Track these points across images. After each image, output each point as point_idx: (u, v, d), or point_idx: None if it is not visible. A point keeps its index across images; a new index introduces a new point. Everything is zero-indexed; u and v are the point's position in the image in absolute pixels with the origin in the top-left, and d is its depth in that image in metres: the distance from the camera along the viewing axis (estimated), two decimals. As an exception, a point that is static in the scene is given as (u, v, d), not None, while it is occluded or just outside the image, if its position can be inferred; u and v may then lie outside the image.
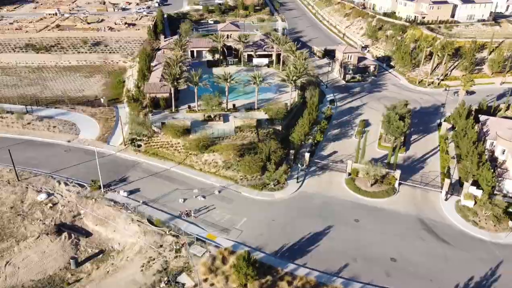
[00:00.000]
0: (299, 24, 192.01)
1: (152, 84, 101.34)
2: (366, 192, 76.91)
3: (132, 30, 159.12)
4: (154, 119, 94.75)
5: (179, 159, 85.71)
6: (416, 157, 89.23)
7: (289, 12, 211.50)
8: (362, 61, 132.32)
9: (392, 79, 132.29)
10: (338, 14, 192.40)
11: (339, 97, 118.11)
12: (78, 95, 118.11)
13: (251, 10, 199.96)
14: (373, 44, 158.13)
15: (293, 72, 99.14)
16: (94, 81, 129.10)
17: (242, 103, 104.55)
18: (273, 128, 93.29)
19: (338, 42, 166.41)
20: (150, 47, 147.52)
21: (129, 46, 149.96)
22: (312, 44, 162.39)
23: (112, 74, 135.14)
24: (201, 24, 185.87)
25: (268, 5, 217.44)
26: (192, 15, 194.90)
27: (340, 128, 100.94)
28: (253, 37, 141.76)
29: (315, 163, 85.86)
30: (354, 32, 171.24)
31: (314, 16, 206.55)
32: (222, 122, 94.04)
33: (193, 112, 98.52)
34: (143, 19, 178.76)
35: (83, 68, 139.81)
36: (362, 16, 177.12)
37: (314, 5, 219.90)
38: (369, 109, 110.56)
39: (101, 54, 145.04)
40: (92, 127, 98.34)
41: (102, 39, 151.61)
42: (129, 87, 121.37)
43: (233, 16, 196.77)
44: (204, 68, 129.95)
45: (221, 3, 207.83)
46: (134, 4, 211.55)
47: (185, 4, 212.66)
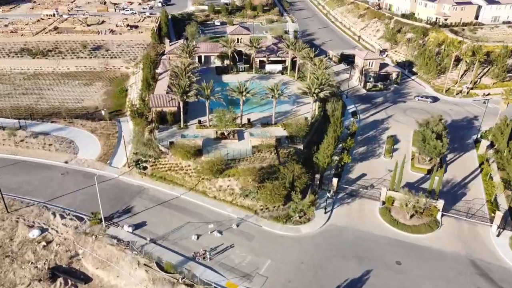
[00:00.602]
0: (310, 25, 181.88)
1: (158, 96, 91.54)
2: (405, 226, 67.24)
3: (135, 33, 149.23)
4: (161, 136, 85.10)
5: (190, 184, 76.07)
6: (455, 180, 79.48)
7: (299, 12, 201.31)
8: (383, 68, 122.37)
9: (416, 87, 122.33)
10: (351, 15, 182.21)
11: (361, 109, 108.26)
12: (77, 106, 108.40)
13: (260, 10, 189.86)
14: (391, 48, 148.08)
15: (314, 83, 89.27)
16: (94, 89, 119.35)
17: (257, 117, 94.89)
18: (294, 147, 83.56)
19: (354, 45, 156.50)
20: (154, 51, 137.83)
21: (132, 51, 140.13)
22: (326, 48, 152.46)
23: (114, 81, 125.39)
24: (207, 26, 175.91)
25: (277, 5, 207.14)
26: (197, 15, 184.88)
27: (366, 146, 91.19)
28: (264, 41, 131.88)
29: (343, 189, 76.23)
30: (370, 34, 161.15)
31: (326, 16, 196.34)
32: (237, 140, 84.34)
33: (204, 128, 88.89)
34: (146, 20, 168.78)
35: (83, 74, 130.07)
36: (378, 17, 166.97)
37: (325, 5, 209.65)
38: (396, 123, 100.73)
39: (101, 60, 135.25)
40: (92, 144, 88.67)
41: (103, 43, 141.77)
42: (132, 97, 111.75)
43: (241, 17, 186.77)
44: (213, 75, 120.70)
45: (227, 3, 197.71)
46: (137, 4, 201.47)
47: (190, 4, 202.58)
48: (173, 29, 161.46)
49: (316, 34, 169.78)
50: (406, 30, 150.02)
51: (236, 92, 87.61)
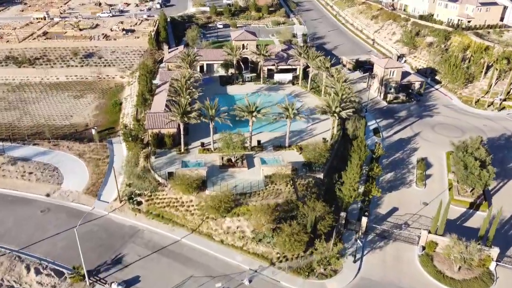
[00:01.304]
0: (319, 27, 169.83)
1: (154, 116, 79.68)
2: (454, 281, 55.54)
3: (131, 38, 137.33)
4: (158, 164, 73.38)
5: (193, 224, 64.39)
6: (503, 217, 67.70)
7: (306, 13, 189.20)
8: (405, 77, 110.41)
9: (442, 98, 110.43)
10: (363, 16, 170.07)
11: (384, 125, 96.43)
12: (65, 123, 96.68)
13: (265, 11, 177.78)
14: (410, 53, 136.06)
15: (335, 101, 77.38)
16: (85, 103, 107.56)
17: (268, 137, 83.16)
18: (313, 176, 71.81)
19: (368, 50, 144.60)
20: (152, 59, 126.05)
21: (127, 58, 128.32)
22: (338, 53, 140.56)
23: (107, 93, 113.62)
24: (209, 29, 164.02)
25: (283, 6, 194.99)
26: (198, 18, 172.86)
27: (394, 171, 79.42)
28: (273, 47, 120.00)
29: (373, 228, 64.58)
30: (386, 38, 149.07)
31: (335, 18, 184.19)
32: (246, 168, 72.56)
33: (207, 152, 77.18)
34: (143, 23, 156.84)
35: (73, 85, 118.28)
36: (393, 18, 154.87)
37: (334, 5, 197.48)
38: (424, 142, 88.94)
39: (94, 68, 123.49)
40: (79, 172, 76.97)
41: (96, 50, 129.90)
42: (127, 112, 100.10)
43: (244, 19, 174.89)
44: (216, 86, 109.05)
45: (230, 4, 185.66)
46: (133, 6, 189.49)
47: (190, 5, 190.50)
48: (172, 33, 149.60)
49: (326, 37, 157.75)
50: (425, 33, 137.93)
51: (245, 112, 75.63)
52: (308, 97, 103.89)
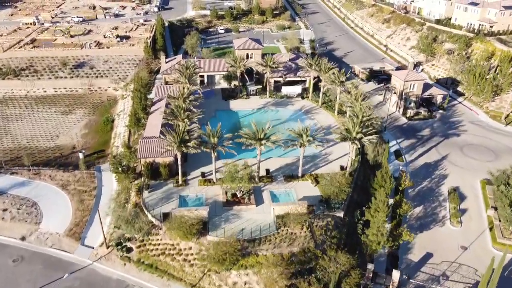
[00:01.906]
0: (327, 32, 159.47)
1: (148, 143, 69.46)
2: None
3: (125, 45, 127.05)
4: (151, 201, 63.37)
5: (192, 278, 54.31)
6: (558, 265, 57.69)
7: (313, 16, 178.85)
8: (427, 90, 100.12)
9: (467, 113, 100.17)
10: (374, 20, 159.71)
11: (406, 146, 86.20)
12: (50, 145, 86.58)
13: (269, 15, 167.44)
14: (427, 60, 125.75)
15: (356, 125, 67.11)
16: (73, 120, 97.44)
17: (277, 164, 73.13)
18: (332, 215, 61.70)
19: (381, 57, 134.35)
20: (148, 69, 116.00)
21: (121, 68, 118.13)
22: (348, 60, 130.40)
23: (98, 108, 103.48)
24: (210, 34, 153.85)
25: (288, 8, 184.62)
26: (198, 22, 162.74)
27: (422, 205, 69.27)
28: (279, 57, 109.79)
29: (405, 283, 54.51)
30: (399, 43, 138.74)
31: (343, 21, 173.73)
32: (254, 205, 62.48)
33: (209, 184, 67.15)
34: (139, 29, 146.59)
35: (62, 99, 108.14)
36: (407, 23, 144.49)
37: (341, 7, 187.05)
38: (453, 167, 78.75)
39: (85, 80, 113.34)
40: (62, 207, 66.94)
41: (87, 59, 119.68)
42: (119, 131, 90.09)
43: (247, 23, 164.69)
44: (218, 101, 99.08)
45: (232, 7, 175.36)
46: (130, 9, 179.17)
47: (190, 8, 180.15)
48: (170, 40, 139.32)
49: (335, 43, 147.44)
50: (443, 39, 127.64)
51: (253, 140, 65.38)
52: (320, 114, 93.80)
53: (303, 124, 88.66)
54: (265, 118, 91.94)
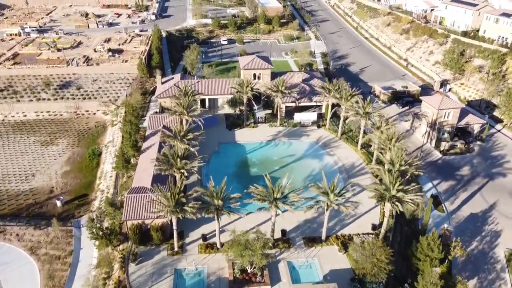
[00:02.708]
0: (339, 43, 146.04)
1: (136, 200, 56.13)
2: None
3: (117, 62, 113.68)
4: (140, 278, 50.11)
5: None
6: None
7: (323, 25, 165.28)
8: (463, 118, 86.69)
9: (509, 144, 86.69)
10: (391, 30, 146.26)
11: (444, 189, 72.60)
12: (23, 187, 73.49)
13: (276, 24, 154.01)
14: (455, 79, 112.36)
15: (393, 178, 53.64)
16: (54, 153, 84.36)
17: (295, 221, 59.84)
18: (368, 299, 48.45)
19: (402, 73, 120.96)
20: (142, 89, 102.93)
21: (112, 88, 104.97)
22: (366, 77, 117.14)
23: (84, 137, 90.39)
24: (211, 45, 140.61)
25: (296, 17, 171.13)
26: (198, 31, 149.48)
27: (476, 277, 55.78)
28: (290, 76, 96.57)
29: None
30: (422, 58, 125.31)
31: (356, 30, 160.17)
32: (269, 286, 49.16)
33: (212, 251, 53.95)
34: (134, 40, 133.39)
35: (43, 125, 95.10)
36: (429, 34, 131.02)
37: (353, 14, 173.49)
38: (505, 220, 65.21)
39: (70, 102, 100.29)
40: (28, 282, 53.73)
41: (74, 78, 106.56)
42: (106, 169, 76.98)
43: (252, 33, 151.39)
44: (222, 131, 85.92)
45: (235, 15, 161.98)
46: (125, 17, 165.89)
47: (189, 16, 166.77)
48: (168, 54, 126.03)
49: (350, 56, 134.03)
50: (471, 54, 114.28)
51: (267, 199, 52.02)
52: (340, 147, 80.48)
53: (320, 161, 76.78)
54: (276, 153, 78.99)
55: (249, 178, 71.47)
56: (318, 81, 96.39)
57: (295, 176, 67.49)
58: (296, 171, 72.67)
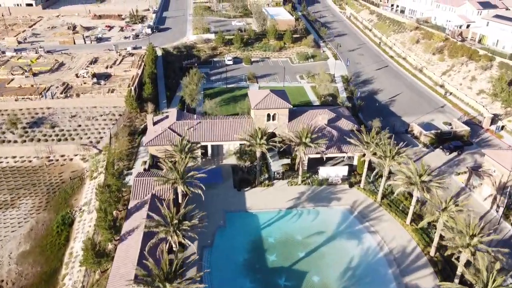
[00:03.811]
0: (361, 63, 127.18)
1: None
2: None
3: (102, 91, 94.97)
4: None
5: None
6: None
7: (341, 40, 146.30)
8: (537, 178, 67.73)
9: None
10: (421, 48, 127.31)
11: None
12: (-37, 281, 55.00)
13: (288, 40, 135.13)
14: (507, 113, 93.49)
15: None
16: (13, 221, 65.90)
17: None
18: None
19: (439, 104, 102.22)
20: (130, 128, 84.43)
21: (94, 127, 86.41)
22: (398, 109, 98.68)
23: (56, 195, 71.88)
24: (215, 65, 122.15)
25: (311, 31, 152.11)
26: (199, 48, 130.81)
27: None
28: (314, 118, 77.99)
29: None
30: (462, 85, 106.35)
31: (379, 47, 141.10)
32: None
33: None
34: (125, 60, 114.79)
35: (6, 176, 76.71)
36: (468, 55, 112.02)
37: (374, 28, 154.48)
38: None
39: (42, 145, 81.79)
40: None
41: (48, 114, 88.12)
42: (75, 248, 58.43)
43: (261, 50, 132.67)
44: (227, 191, 67.52)
45: (242, 29, 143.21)
46: (117, 30, 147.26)
47: (189, 29, 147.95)
48: (164, 78, 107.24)
49: (375, 80, 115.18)
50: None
51: None
52: (382, 220, 61.90)
53: (360, 244, 58.18)
54: (300, 229, 60.72)
55: (266, 272, 53.10)
56: (347, 122, 77.90)
57: (327, 271, 49.81)
58: (329, 260, 54.31)
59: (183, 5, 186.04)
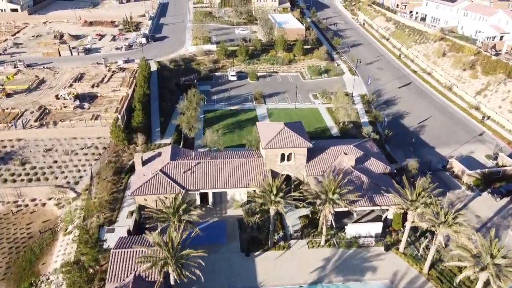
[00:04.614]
0: (381, 79, 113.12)
1: None
2: None
3: (83, 120, 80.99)
4: None
5: None
6: None
7: (356, 50, 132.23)
8: None
9: None
10: (448, 63, 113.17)
11: None
12: None
13: (298, 52, 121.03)
14: (561, 145, 79.50)
15: None
16: (-38, 296, 52.01)
17: None
18: None
19: (476, 130, 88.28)
20: (116, 164, 70.60)
21: (73, 163, 72.41)
22: (427, 136, 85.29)
23: (19, 258, 57.95)
24: (216, 82, 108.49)
25: (323, 42, 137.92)
26: (199, 61, 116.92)
27: None
28: (337, 158, 63.97)
29: None
30: (502, 108, 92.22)
31: (399, 60, 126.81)
32: None
33: None
34: (115, 77, 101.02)
35: (-38, 229, 62.81)
36: (506, 72, 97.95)
37: (392, 37, 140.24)
38: None
39: (8, 187, 67.87)
40: None
41: (18, 147, 74.15)
42: None
43: (268, 63, 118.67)
44: (232, 257, 53.48)
45: (246, 39, 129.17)
46: (109, 38, 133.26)
47: (189, 39, 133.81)
48: (158, 99, 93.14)
49: (399, 101, 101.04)
50: None
51: None
52: (433, 302, 47.85)
53: None
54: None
55: None
56: (377, 163, 64.06)
57: None
58: None
59: (182, 10, 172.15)
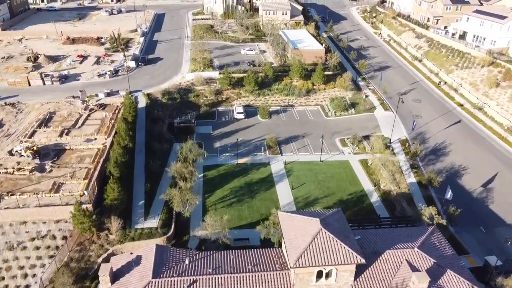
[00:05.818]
0: (422, 114, 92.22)
1: None
2: None
3: (39, 193, 60.16)
4: None
5: None
6: None
7: (385, 75, 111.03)
8: None
9: None
10: (504, 96, 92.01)
11: None
12: None
13: (318, 80, 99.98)
14: None
15: None
16: None
17: None
18: None
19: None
20: (79, 264, 49.87)
21: (19, 264, 51.58)
22: (497, 206, 63.84)
23: None
24: (219, 120, 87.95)
25: (346, 66, 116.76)
26: (198, 92, 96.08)
27: None
28: (405, 278, 42.91)
29: None
30: None
31: (439, 88, 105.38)
32: None
33: None
34: (93, 117, 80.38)
35: None
36: None
37: (425, 58, 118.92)
38: None
39: None
40: None
41: None
42: None
43: (283, 94, 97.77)
44: None
45: (254, 63, 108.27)
46: (92, 61, 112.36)
47: (186, 62, 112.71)
48: (145, 151, 72.23)
49: (449, 148, 79.92)
50: None
51: None
52: None
53: None
54: None
55: None
56: (457, 279, 42.91)
57: None
58: None
59: (179, 24, 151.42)
